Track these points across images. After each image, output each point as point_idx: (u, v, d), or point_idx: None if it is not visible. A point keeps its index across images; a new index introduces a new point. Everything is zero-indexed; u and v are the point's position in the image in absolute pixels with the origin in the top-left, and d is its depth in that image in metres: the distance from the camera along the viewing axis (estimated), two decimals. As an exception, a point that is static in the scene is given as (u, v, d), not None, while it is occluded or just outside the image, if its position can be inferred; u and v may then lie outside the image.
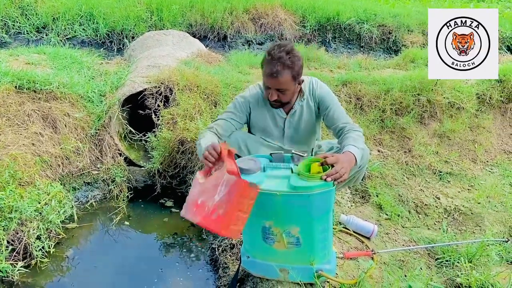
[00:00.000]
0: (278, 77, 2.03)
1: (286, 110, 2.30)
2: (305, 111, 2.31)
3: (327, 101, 2.26)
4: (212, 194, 1.64)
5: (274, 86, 2.08)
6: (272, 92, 2.10)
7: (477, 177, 3.42)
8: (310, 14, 5.92)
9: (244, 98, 2.29)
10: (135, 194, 3.36)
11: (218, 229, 1.58)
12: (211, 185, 1.69)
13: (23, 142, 2.93)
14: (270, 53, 2.05)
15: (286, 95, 2.14)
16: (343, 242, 2.46)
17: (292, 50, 2.05)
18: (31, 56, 4.00)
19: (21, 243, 2.47)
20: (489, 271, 2.22)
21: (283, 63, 2.01)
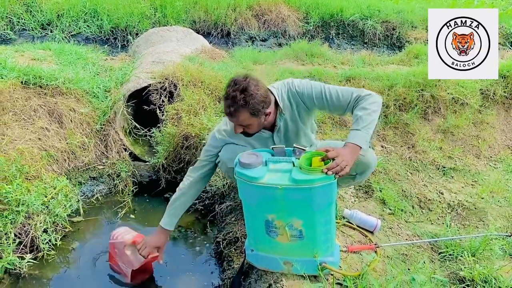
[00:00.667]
0: (234, 116, 2.00)
1: (269, 128, 2.22)
2: (290, 123, 2.20)
3: (311, 94, 2.11)
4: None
5: (234, 123, 2.07)
6: (235, 127, 2.08)
7: (480, 172, 3.43)
8: (314, 10, 5.93)
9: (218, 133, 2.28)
10: (140, 188, 3.38)
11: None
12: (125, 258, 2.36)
13: (29, 137, 2.96)
14: (226, 90, 1.99)
15: (252, 128, 2.08)
16: (346, 236, 2.47)
17: (246, 89, 1.93)
18: (37, 52, 4.03)
19: (28, 236, 2.51)
20: (492, 265, 2.23)
21: (237, 103, 1.93)
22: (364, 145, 1.90)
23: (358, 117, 1.95)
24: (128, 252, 2.31)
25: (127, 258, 2.31)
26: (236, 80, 1.98)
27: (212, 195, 3.08)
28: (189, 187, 2.33)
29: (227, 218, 2.79)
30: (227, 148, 2.26)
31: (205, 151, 2.33)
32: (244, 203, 2.00)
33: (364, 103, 1.99)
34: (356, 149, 1.89)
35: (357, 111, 1.98)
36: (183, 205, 2.35)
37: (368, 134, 1.92)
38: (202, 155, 2.35)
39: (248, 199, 1.95)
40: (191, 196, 2.36)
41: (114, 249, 2.40)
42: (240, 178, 1.88)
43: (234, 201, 2.85)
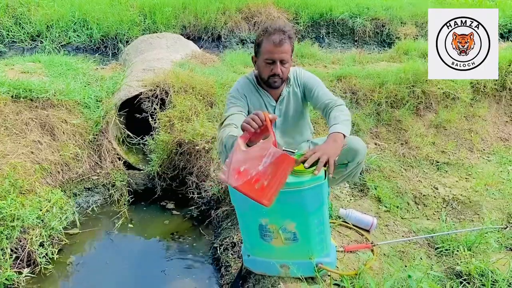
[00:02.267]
0: (284, 45, 2.08)
1: (275, 97, 2.34)
2: (292, 98, 2.34)
3: (311, 84, 2.32)
4: (256, 164, 1.67)
5: (279, 56, 2.11)
6: (277, 64, 2.13)
7: (474, 165, 3.44)
8: (303, 10, 5.94)
9: (237, 90, 2.30)
10: (135, 197, 3.38)
11: (260, 198, 1.63)
12: (255, 154, 1.71)
13: (22, 151, 2.96)
14: (268, 28, 2.09)
15: (286, 68, 2.18)
16: (343, 236, 2.48)
17: (287, 24, 2.15)
18: (26, 64, 4.02)
19: (25, 251, 2.50)
20: (489, 258, 2.24)
21: (285, 32, 2.08)
22: (346, 133, 1.97)
23: (336, 116, 2.06)
24: (253, 148, 1.77)
25: (259, 148, 1.75)
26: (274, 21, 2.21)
27: (208, 201, 3.08)
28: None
29: (223, 223, 2.80)
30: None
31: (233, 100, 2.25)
32: (237, 208, 2.00)
33: (342, 108, 2.15)
34: (338, 136, 1.92)
35: (336, 112, 2.10)
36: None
37: (348, 128, 2.01)
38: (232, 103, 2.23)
39: (240, 205, 1.96)
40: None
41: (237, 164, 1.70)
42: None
43: (230, 206, 2.85)
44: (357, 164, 2.29)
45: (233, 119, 2.13)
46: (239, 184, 1.62)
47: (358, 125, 3.63)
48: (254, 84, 2.31)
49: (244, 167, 1.68)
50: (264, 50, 2.12)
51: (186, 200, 3.27)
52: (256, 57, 2.22)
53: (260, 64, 2.18)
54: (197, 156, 3.22)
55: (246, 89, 2.30)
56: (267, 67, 2.15)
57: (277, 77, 2.17)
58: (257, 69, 2.25)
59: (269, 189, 1.64)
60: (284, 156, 1.68)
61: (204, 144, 3.13)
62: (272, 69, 2.14)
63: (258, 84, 2.30)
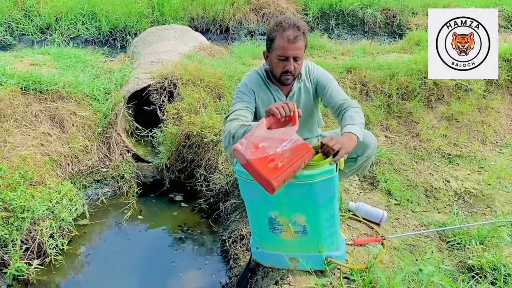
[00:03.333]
0: (298, 42, 2.03)
1: (285, 92, 2.29)
2: (303, 93, 2.30)
3: (324, 81, 2.28)
4: (275, 145, 1.66)
5: (292, 52, 2.06)
6: (290, 61, 2.09)
7: (486, 158, 3.39)
8: (312, 1, 5.87)
9: (246, 85, 2.27)
10: (144, 189, 3.39)
11: (269, 176, 1.56)
12: (276, 136, 1.71)
13: (31, 143, 2.97)
14: (282, 23, 2.04)
15: (299, 65, 2.14)
16: (352, 229, 2.46)
17: (301, 20, 2.11)
18: (36, 57, 4.04)
19: (35, 242, 2.52)
20: (501, 252, 2.21)
21: (300, 28, 2.04)
22: (360, 137, 1.94)
23: (353, 116, 2.03)
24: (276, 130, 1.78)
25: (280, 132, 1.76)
26: (287, 16, 2.15)
27: (216, 193, 3.07)
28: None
29: (231, 216, 2.79)
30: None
31: (242, 94, 2.22)
32: (246, 201, 1.98)
33: (358, 110, 2.12)
34: (352, 136, 1.91)
35: (352, 113, 2.07)
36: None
37: (362, 131, 1.99)
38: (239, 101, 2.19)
39: (250, 197, 1.94)
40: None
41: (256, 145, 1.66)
42: (241, 177, 1.87)
43: (239, 199, 2.84)
44: (367, 158, 2.26)
45: (239, 114, 2.10)
46: (253, 158, 1.58)
47: (368, 117, 3.58)
48: (264, 79, 2.27)
49: (263, 144, 1.66)
50: (277, 46, 2.07)
51: (194, 192, 3.26)
52: (268, 52, 2.17)
53: (273, 60, 2.14)
54: (205, 149, 3.21)
55: (255, 84, 2.26)
56: (280, 64, 2.11)
57: (289, 74, 2.13)
58: (269, 64, 2.20)
59: (281, 172, 1.59)
60: (305, 146, 1.67)
61: (212, 137, 3.12)
62: (285, 66, 2.10)
63: (268, 79, 2.26)
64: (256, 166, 1.58)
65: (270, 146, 1.65)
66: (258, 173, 1.58)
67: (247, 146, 1.63)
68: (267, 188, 1.59)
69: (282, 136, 1.70)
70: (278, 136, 1.71)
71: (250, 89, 2.25)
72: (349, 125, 1.97)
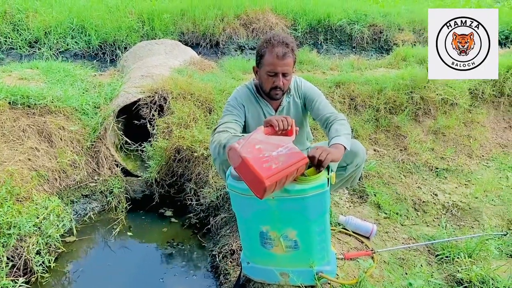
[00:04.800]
0: (287, 58, 2.08)
1: (275, 106, 2.33)
2: (292, 107, 2.35)
3: (312, 95, 2.33)
4: (271, 149, 1.68)
5: (281, 69, 2.10)
6: (279, 76, 2.13)
7: (473, 172, 3.44)
8: (301, 17, 5.95)
9: (236, 99, 2.29)
10: (133, 204, 3.36)
11: (262, 174, 1.54)
12: (273, 142, 1.74)
13: (19, 158, 2.93)
14: (272, 40, 2.09)
15: (288, 80, 2.18)
16: (342, 243, 2.46)
17: (290, 37, 2.15)
18: (24, 71, 4.01)
19: (21, 259, 2.47)
20: (489, 265, 2.23)
21: (288, 45, 2.09)
22: (348, 146, 1.99)
23: (338, 129, 2.08)
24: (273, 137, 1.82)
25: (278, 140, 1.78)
26: (276, 33, 2.16)
27: (206, 208, 3.06)
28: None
29: (222, 231, 2.77)
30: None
31: (231, 108, 2.24)
32: (238, 215, 1.98)
33: (344, 122, 2.16)
34: (339, 146, 1.95)
35: (337, 126, 2.11)
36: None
37: (349, 142, 2.03)
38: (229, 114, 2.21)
39: (241, 211, 1.94)
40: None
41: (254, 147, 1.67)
42: (232, 191, 1.87)
43: (229, 213, 2.83)
44: (356, 168, 2.29)
45: (228, 127, 2.12)
46: (248, 156, 1.58)
47: (357, 131, 3.62)
48: (254, 93, 2.30)
49: (260, 146, 1.68)
50: (266, 62, 2.11)
51: (184, 207, 3.25)
52: (257, 67, 2.21)
53: (262, 75, 2.18)
54: (195, 163, 3.20)
55: (245, 98, 2.29)
56: (269, 79, 2.15)
57: (278, 90, 2.18)
58: (259, 79, 2.24)
59: (274, 173, 1.58)
60: (300, 154, 1.70)
61: (202, 151, 3.12)
62: (274, 81, 2.14)
63: (258, 93, 2.30)
64: (250, 163, 1.56)
65: (267, 149, 1.67)
66: (251, 171, 1.56)
67: (244, 145, 1.64)
68: (258, 189, 1.58)
69: (278, 142, 1.74)
70: (275, 141, 1.74)
71: (240, 103, 2.27)
72: (335, 137, 2.02)
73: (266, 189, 1.55)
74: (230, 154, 1.67)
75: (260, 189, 1.57)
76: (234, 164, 1.65)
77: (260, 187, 1.56)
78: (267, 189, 1.56)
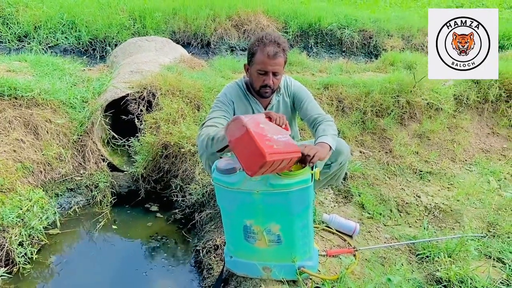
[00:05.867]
0: (278, 58, 2.10)
1: (264, 104, 2.35)
2: (282, 106, 2.39)
3: (301, 96, 2.36)
4: (273, 132, 1.73)
5: (272, 68, 2.12)
6: (269, 75, 2.14)
7: (456, 175, 3.50)
8: (292, 20, 6.00)
9: (225, 95, 2.31)
10: (119, 199, 3.34)
11: (264, 147, 1.55)
12: (274, 128, 1.81)
13: (4, 149, 2.91)
14: (263, 39, 2.11)
15: (278, 80, 2.20)
16: (326, 240, 2.49)
17: (281, 37, 2.17)
18: (12, 63, 3.97)
19: (3, 250, 2.45)
20: (468, 266, 2.27)
21: (280, 45, 2.10)
22: (333, 146, 2.05)
23: (325, 129, 2.14)
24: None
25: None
26: (268, 32, 2.16)
27: (192, 204, 3.06)
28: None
29: (206, 226, 2.78)
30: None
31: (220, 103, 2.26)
32: (222, 209, 2.00)
33: (331, 123, 2.21)
34: (325, 145, 2.00)
35: (324, 126, 2.17)
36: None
37: (334, 142, 2.09)
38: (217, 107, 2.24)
39: (226, 205, 1.96)
40: None
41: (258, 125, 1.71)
42: (217, 184, 1.89)
43: (214, 209, 2.84)
44: (340, 166, 2.33)
45: (217, 122, 2.15)
46: (253, 130, 1.58)
47: (344, 133, 3.67)
48: (244, 90, 2.32)
49: (263, 126, 1.71)
50: (257, 60, 2.13)
51: (170, 203, 3.25)
52: (248, 65, 2.23)
53: (253, 73, 2.20)
54: (182, 159, 3.21)
55: (235, 95, 2.31)
56: (259, 78, 2.17)
57: (268, 88, 2.20)
58: (249, 77, 2.26)
59: (275, 152, 1.59)
60: (296, 147, 1.77)
61: (190, 147, 3.13)
62: (264, 80, 2.16)
63: (248, 91, 2.32)
64: (254, 136, 1.56)
65: (269, 131, 1.70)
66: (253, 143, 1.55)
67: (250, 120, 1.65)
68: (255, 162, 1.56)
69: (278, 130, 1.80)
70: (276, 128, 1.81)
71: (229, 99, 2.29)
72: (322, 136, 2.07)
73: (265, 164, 1.54)
74: (231, 126, 1.66)
75: (257, 162, 1.55)
76: (234, 136, 1.63)
77: (259, 160, 1.54)
78: (265, 165, 1.54)
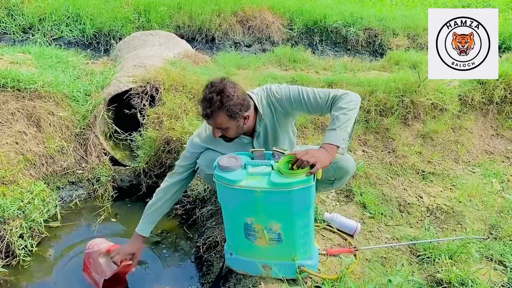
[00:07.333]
0: (211, 118, 1.98)
1: (249, 134, 2.20)
2: (270, 129, 2.19)
3: (289, 101, 2.10)
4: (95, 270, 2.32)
5: (212, 125, 2.04)
6: (214, 130, 2.05)
7: (459, 176, 3.48)
8: (298, 17, 5.98)
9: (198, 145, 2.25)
10: (120, 193, 3.34)
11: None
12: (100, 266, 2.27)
13: (6, 141, 2.91)
14: (203, 93, 1.99)
15: (230, 131, 2.04)
16: (326, 239, 2.48)
17: (223, 90, 1.93)
18: (16, 55, 3.97)
19: (3, 242, 2.46)
20: (469, 268, 2.26)
21: (214, 104, 1.92)
22: (341, 144, 1.90)
23: (335, 117, 1.95)
24: (101, 260, 2.23)
25: (100, 267, 2.22)
26: (213, 83, 1.98)
27: (193, 200, 3.06)
28: (166, 193, 2.29)
29: (207, 223, 2.78)
30: (205, 154, 2.24)
31: (183, 157, 2.30)
32: (223, 206, 1.99)
33: (341, 102, 1.98)
34: (332, 148, 1.87)
35: (334, 111, 1.98)
36: (160, 211, 2.30)
37: (346, 132, 1.91)
38: (180, 161, 2.31)
39: (227, 202, 1.95)
40: (168, 202, 2.31)
41: (89, 259, 2.32)
42: (219, 181, 1.88)
43: (215, 206, 2.84)
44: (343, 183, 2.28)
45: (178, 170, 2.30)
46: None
47: (347, 132, 3.64)
48: None
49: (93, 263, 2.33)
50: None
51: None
52: None
53: None
54: (184, 155, 3.20)
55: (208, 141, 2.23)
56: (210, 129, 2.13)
57: (226, 137, 2.10)
58: None
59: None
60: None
61: (192, 143, 3.11)
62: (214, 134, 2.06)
63: None
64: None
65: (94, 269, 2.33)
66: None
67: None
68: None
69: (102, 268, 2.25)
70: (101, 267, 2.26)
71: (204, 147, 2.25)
72: (328, 134, 1.92)
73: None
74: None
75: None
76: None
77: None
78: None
